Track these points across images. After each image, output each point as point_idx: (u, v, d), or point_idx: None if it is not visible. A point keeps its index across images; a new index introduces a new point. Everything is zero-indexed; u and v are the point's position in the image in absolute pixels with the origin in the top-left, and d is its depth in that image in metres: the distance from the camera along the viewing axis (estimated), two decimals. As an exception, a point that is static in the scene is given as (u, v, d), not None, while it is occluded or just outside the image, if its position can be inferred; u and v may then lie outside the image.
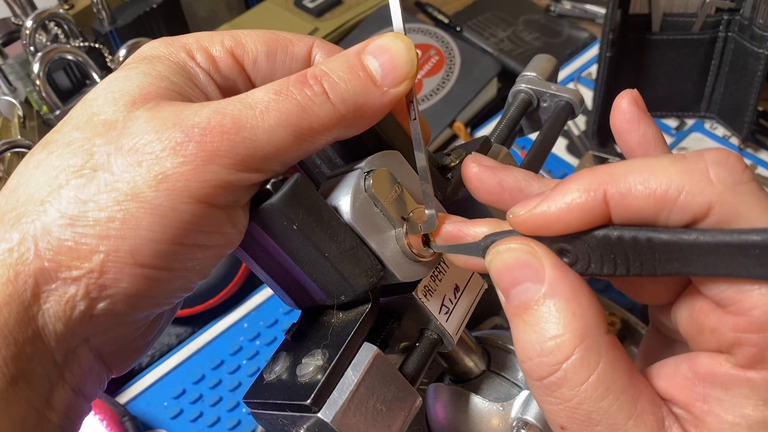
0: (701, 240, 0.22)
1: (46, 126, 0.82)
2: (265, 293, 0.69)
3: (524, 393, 0.38)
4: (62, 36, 0.88)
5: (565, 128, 0.76)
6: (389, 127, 0.33)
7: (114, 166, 0.26)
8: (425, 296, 0.33)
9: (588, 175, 0.24)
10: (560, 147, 0.76)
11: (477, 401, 0.39)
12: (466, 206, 0.38)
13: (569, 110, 0.44)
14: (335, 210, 0.30)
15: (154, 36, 0.86)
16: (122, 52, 0.77)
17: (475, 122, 0.85)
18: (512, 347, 0.41)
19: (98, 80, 0.79)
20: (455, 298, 0.35)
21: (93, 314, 0.26)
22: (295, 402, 0.29)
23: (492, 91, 0.87)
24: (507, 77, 0.87)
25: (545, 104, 0.45)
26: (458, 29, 0.93)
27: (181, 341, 0.67)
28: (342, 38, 0.94)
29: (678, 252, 0.23)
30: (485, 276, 0.38)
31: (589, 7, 0.95)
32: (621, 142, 0.29)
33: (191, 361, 0.65)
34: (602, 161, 0.72)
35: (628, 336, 0.59)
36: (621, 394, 0.23)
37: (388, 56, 0.29)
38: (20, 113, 0.79)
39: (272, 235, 0.29)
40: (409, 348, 0.34)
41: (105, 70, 0.84)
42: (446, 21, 0.95)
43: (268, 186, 0.28)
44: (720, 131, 0.76)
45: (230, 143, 0.26)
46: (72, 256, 0.25)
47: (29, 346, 0.25)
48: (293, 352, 0.32)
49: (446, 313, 0.34)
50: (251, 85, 0.32)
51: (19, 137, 0.74)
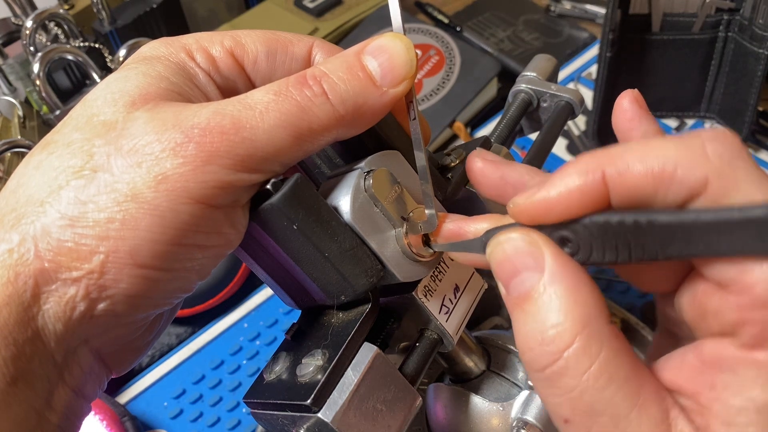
0: (702, 219, 0.22)
1: (46, 126, 0.82)
2: (265, 293, 0.69)
3: (524, 393, 0.38)
4: (62, 36, 0.88)
5: (565, 128, 0.76)
6: (389, 127, 0.33)
7: (114, 167, 0.26)
8: (425, 296, 0.33)
9: (586, 158, 0.24)
10: (560, 147, 0.76)
11: (477, 401, 0.39)
12: (466, 206, 0.38)
13: (569, 110, 0.44)
14: (335, 210, 0.30)
15: (154, 36, 0.86)
16: (122, 52, 0.77)
17: (475, 122, 0.85)
18: (512, 347, 0.41)
19: (98, 80, 0.79)
20: (455, 298, 0.35)
21: (93, 315, 0.26)
22: (295, 402, 0.29)
23: (492, 91, 0.87)
24: (507, 77, 0.87)
25: (545, 104, 0.45)
26: (458, 29, 0.93)
27: (181, 341, 0.67)
28: (342, 38, 0.94)
29: (679, 233, 0.22)
30: (485, 276, 0.38)
31: (589, 7, 0.95)
32: (623, 141, 0.29)
33: (191, 361, 0.65)
34: (602, 161, 0.72)
35: (629, 336, 0.59)
36: (624, 384, 0.23)
37: (388, 56, 0.29)
38: (20, 113, 0.79)
39: (272, 235, 0.29)
40: (409, 348, 0.34)
41: (105, 70, 0.84)
42: (446, 21, 0.95)
43: (268, 186, 0.28)
44: (720, 131, 0.75)
45: (230, 144, 0.26)
46: (72, 257, 0.25)
47: (29, 347, 0.25)
48: (293, 352, 0.32)
49: (446, 313, 0.34)
50: (251, 86, 0.32)
51: (19, 137, 0.74)
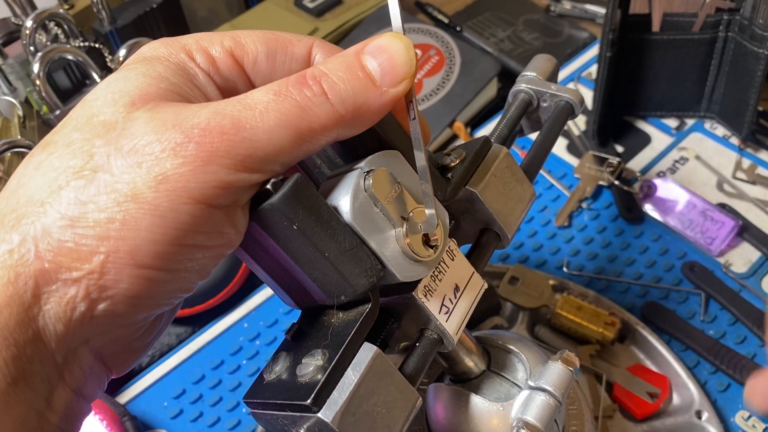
0: None
1: (46, 126, 0.82)
2: (265, 293, 0.69)
3: (524, 393, 0.38)
4: (62, 36, 0.88)
5: (565, 128, 0.76)
6: (389, 127, 0.33)
7: (114, 167, 0.26)
8: (425, 296, 0.33)
9: None
10: (560, 147, 0.76)
11: (477, 401, 0.39)
12: (466, 206, 0.38)
13: (569, 110, 0.44)
14: (335, 210, 0.30)
15: (154, 36, 0.86)
16: (122, 52, 0.77)
17: (475, 122, 0.85)
18: (512, 347, 0.41)
19: (98, 80, 0.79)
20: (455, 298, 0.35)
21: (93, 315, 0.26)
22: (295, 402, 0.29)
23: (492, 91, 0.87)
24: (507, 77, 0.87)
25: (545, 104, 0.45)
26: (458, 29, 0.93)
27: (181, 341, 0.67)
28: (342, 38, 0.94)
29: None
30: (485, 276, 0.38)
31: (589, 7, 0.95)
32: None
33: (191, 361, 0.65)
34: (602, 161, 0.72)
35: (629, 336, 0.59)
36: None
37: (387, 56, 0.29)
38: (20, 113, 0.79)
39: (272, 235, 0.29)
40: (409, 348, 0.34)
41: (105, 70, 0.84)
42: (446, 21, 0.95)
43: (268, 186, 0.28)
44: (720, 131, 0.75)
45: (230, 144, 0.26)
46: (72, 258, 0.25)
47: (29, 348, 0.25)
48: (293, 352, 0.32)
49: (446, 313, 0.34)
50: (251, 86, 0.32)
51: (19, 137, 0.74)
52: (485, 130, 0.82)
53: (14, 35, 0.95)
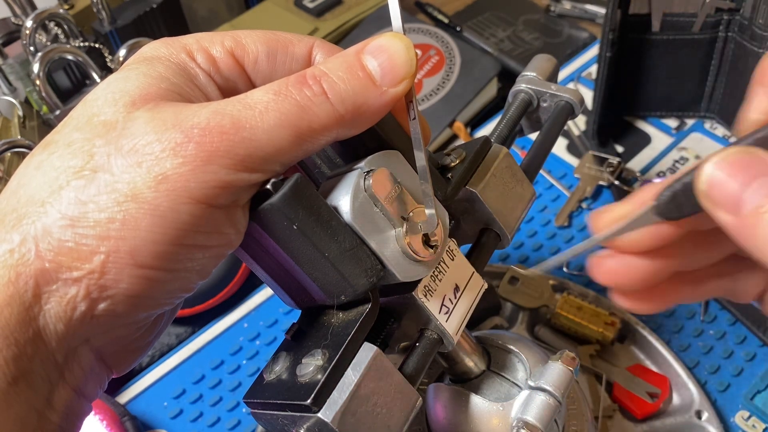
0: None
1: (46, 126, 0.82)
2: (265, 293, 0.69)
3: (524, 393, 0.38)
4: (62, 36, 0.88)
5: (565, 128, 0.76)
6: (389, 127, 0.33)
7: (114, 167, 0.26)
8: (425, 296, 0.33)
9: None
10: (560, 147, 0.76)
11: (477, 401, 0.39)
12: (466, 206, 0.38)
13: (569, 110, 0.44)
14: (335, 210, 0.30)
15: (154, 36, 0.86)
16: (122, 52, 0.77)
17: (475, 122, 0.85)
18: (512, 347, 0.41)
19: (98, 80, 0.79)
20: (455, 298, 0.35)
21: (94, 315, 0.26)
22: (295, 402, 0.29)
23: (492, 91, 0.87)
24: (507, 77, 0.87)
25: (545, 104, 0.45)
26: (458, 29, 0.93)
27: (181, 341, 0.67)
28: (342, 38, 0.94)
29: None
30: (485, 276, 0.38)
31: (589, 7, 0.95)
32: None
33: (191, 361, 0.65)
34: (602, 161, 0.72)
35: (629, 336, 0.59)
36: None
37: (387, 56, 0.29)
38: (20, 113, 0.79)
39: (272, 235, 0.29)
40: (409, 348, 0.34)
41: (105, 70, 0.84)
42: (446, 21, 0.95)
43: (268, 186, 0.28)
44: (720, 131, 0.75)
45: (230, 143, 0.26)
46: (72, 257, 0.25)
47: (30, 347, 0.25)
48: (293, 352, 0.32)
49: (446, 313, 0.34)
50: (251, 86, 0.32)
51: (19, 137, 0.74)
52: (485, 130, 0.82)
53: (14, 35, 0.96)
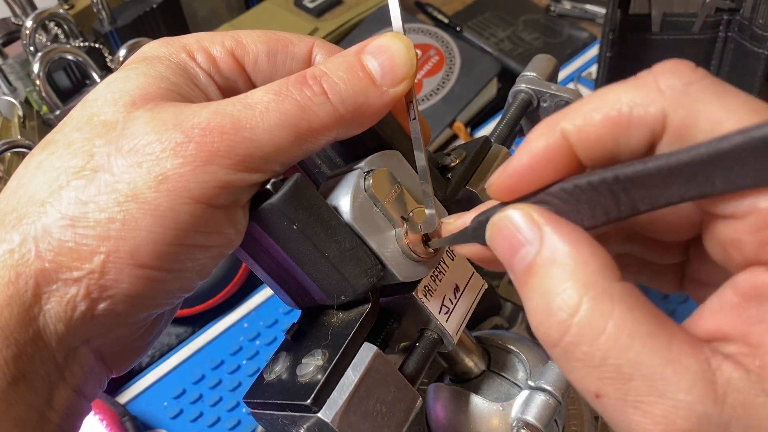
0: (671, 162, 0.21)
1: (46, 126, 0.82)
2: (265, 293, 0.69)
3: (524, 393, 0.38)
4: (62, 36, 0.88)
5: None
6: (389, 127, 0.33)
7: (114, 167, 0.26)
8: (425, 296, 0.33)
9: (545, 121, 0.24)
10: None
11: (477, 401, 0.39)
12: (466, 206, 0.38)
13: (569, 110, 0.44)
14: (335, 210, 0.30)
15: (154, 36, 0.86)
16: (122, 52, 0.77)
17: (475, 122, 0.85)
18: (512, 347, 0.41)
19: (98, 80, 0.79)
20: (455, 298, 0.35)
21: (94, 315, 0.26)
22: (295, 402, 0.29)
23: (492, 91, 0.87)
24: (507, 77, 0.87)
25: (545, 104, 0.45)
26: (458, 29, 0.93)
27: (181, 341, 0.67)
28: (342, 38, 0.94)
29: (645, 183, 0.22)
30: (485, 276, 0.38)
31: (589, 7, 0.95)
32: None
33: (191, 361, 0.65)
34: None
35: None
36: (649, 340, 0.21)
37: (387, 56, 0.29)
38: (20, 113, 0.79)
39: (272, 235, 0.29)
40: (409, 348, 0.34)
41: (105, 70, 0.84)
42: (446, 21, 0.95)
43: (268, 186, 0.28)
44: (720, 131, 0.75)
45: (230, 143, 0.26)
46: (72, 257, 0.25)
47: (30, 347, 0.25)
48: (293, 352, 0.32)
49: (446, 313, 0.34)
50: (252, 86, 0.32)
51: (19, 137, 0.74)
52: (485, 130, 0.82)
53: (14, 35, 0.96)
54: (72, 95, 0.86)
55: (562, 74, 0.84)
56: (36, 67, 0.74)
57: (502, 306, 0.61)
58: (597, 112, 0.23)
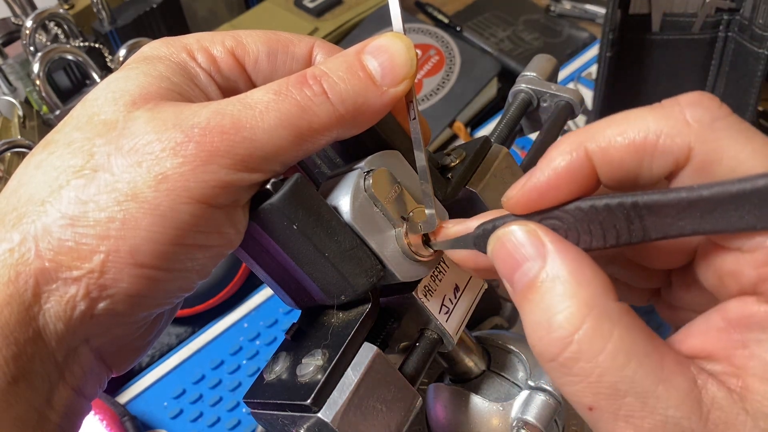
0: (692, 196, 0.21)
1: (46, 126, 0.82)
2: (265, 293, 0.69)
3: (524, 393, 0.38)
4: (62, 36, 0.88)
5: (565, 128, 0.76)
6: (389, 127, 0.33)
7: (114, 167, 0.26)
8: (425, 296, 0.33)
9: (568, 138, 0.24)
10: (560, 147, 0.76)
11: (477, 401, 0.39)
12: (466, 206, 0.38)
13: (569, 110, 0.44)
14: (335, 210, 0.30)
15: (154, 36, 0.86)
16: (122, 52, 0.77)
17: (475, 122, 0.85)
18: (512, 347, 0.41)
19: (98, 80, 0.79)
20: (455, 298, 0.35)
21: (93, 314, 0.26)
22: (295, 402, 0.29)
23: (492, 91, 0.87)
24: (507, 77, 0.87)
25: (545, 104, 0.45)
26: (458, 29, 0.93)
27: (181, 341, 0.67)
28: (342, 38, 0.94)
29: (665, 213, 0.22)
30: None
31: (589, 7, 0.95)
32: None
33: (191, 361, 0.65)
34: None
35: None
36: (644, 359, 0.22)
37: (388, 56, 0.29)
38: (20, 113, 0.79)
39: (272, 235, 0.29)
40: (409, 348, 0.34)
41: (105, 70, 0.84)
42: (446, 21, 0.95)
43: (268, 186, 0.28)
44: (720, 131, 0.75)
45: (230, 143, 0.26)
46: (72, 257, 0.25)
47: (30, 346, 0.25)
48: (293, 352, 0.32)
49: (446, 313, 0.34)
50: (252, 86, 0.32)
51: (19, 137, 0.74)
52: (485, 130, 0.82)
53: (14, 35, 0.96)
54: (72, 95, 0.86)
55: (562, 74, 0.85)
56: (36, 67, 0.74)
57: (502, 306, 0.61)
58: (623, 136, 0.23)
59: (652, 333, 0.23)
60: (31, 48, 0.81)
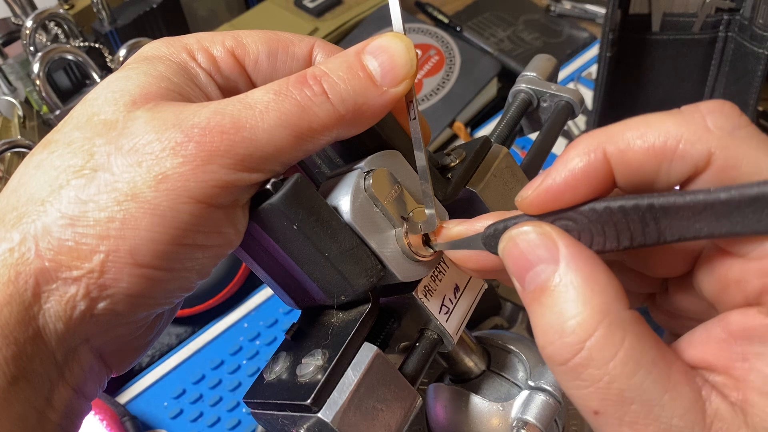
0: (709, 198, 0.21)
1: (46, 126, 0.82)
2: (265, 293, 0.69)
3: (524, 393, 0.38)
4: (62, 36, 0.88)
5: (565, 128, 0.76)
6: (389, 127, 0.33)
7: (114, 167, 0.26)
8: (425, 296, 0.33)
9: (586, 139, 0.24)
10: (560, 147, 0.76)
11: (477, 401, 0.39)
12: (466, 206, 0.38)
13: (569, 110, 0.44)
14: (335, 210, 0.30)
15: (154, 36, 0.86)
16: (122, 52, 0.77)
17: (475, 122, 0.85)
18: (512, 347, 0.41)
19: (98, 80, 0.79)
20: (455, 298, 0.35)
21: (93, 314, 0.26)
22: (295, 402, 0.29)
23: (492, 91, 0.87)
24: (507, 77, 0.87)
25: (545, 104, 0.45)
26: (458, 29, 0.93)
27: (181, 341, 0.67)
28: (342, 38, 0.94)
29: (680, 215, 0.22)
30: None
31: (589, 7, 0.95)
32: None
33: (191, 361, 0.65)
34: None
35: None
36: (652, 368, 0.22)
37: (388, 56, 0.29)
38: (20, 113, 0.79)
39: (272, 235, 0.29)
40: (409, 348, 0.34)
41: (105, 70, 0.84)
42: (446, 21, 0.95)
43: (268, 186, 0.28)
44: (720, 131, 0.75)
45: (230, 143, 0.26)
46: (72, 256, 0.25)
47: (30, 346, 0.25)
48: (293, 352, 0.32)
49: (446, 313, 0.34)
50: (252, 86, 0.32)
51: (19, 137, 0.74)
52: (485, 130, 0.82)
53: (14, 35, 0.96)
54: (72, 95, 0.86)
55: (562, 74, 0.85)
56: (36, 67, 0.74)
57: (502, 306, 0.61)
58: (642, 140, 0.23)
59: (661, 341, 0.23)
60: (31, 48, 0.81)
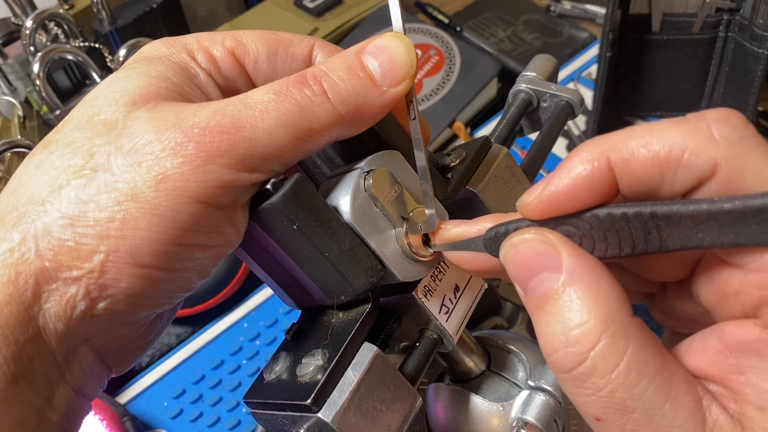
0: (712, 208, 0.21)
1: (46, 126, 0.82)
2: (265, 293, 0.69)
3: (524, 393, 0.38)
4: (62, 36, 0.88)
5: (565, 128, 0.76)
6: (389, 127, 0.33)
7: (114, 167, 0.26)
8: (425, 296, 0.33)
9: (589, 146, 0.24)
10: (560, 147, 0.76)
11: (477, 401, 0.39)
12: (466, 206, 0.38)
13: (569, 110, 0.44)
14: (335, 210, 0.30)
15: (154, 36, 0.86)
16: (122, 52, 0.77)
17: (475, 122, 0.85)
18: (512, 347, 0.41)
19: (98, 80, 0.79)
20: (455, 298, 0.35)
21: (93, 314, 0.26)
22: (295, 402, 0.29)
23: (492, 91, 0.87)
24: (507, 77, 0.87)
25: (545, 104, 0.45)
26: (458, 29, 0.93)
27: (181, 341, 0.67)
28: (342, 38, 0.94)
29: (683, 224, 0.22)
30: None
31: (589, 7, 0.95)
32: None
33: (191, 361, 0.65)
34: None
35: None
36: (655, 378, 0.22)
37: (388, 56, 0.29)
38: (20, 113, 0.79)
39: (272, 235, 0.29)
40: (409, 348, 0.34)
41: (105, 70, 0.84)
42: (446, 21, 0.95)
43: (268, 186, 0.28)
44: (720, 131, 0.75)
45: (230, 143, 0.26)
46: (72, 256, 0.25)
47: (30, 346, 0.25)
48: (293, 352, 0.32)
49: (446, 313, 0.34)
50: (252, 86, 0.32)
51: (19, 137, 0.74)
52: (485, 130, 0.82)
53: (14, 35, 0.96)
54: (72, 95, 0.86)
55: (562, 74, 0.85)
56: (36, 67, 0.74)
57: (502, 306, 0.61)
58: (647, 149, 0.23)
59: (664, 349, 0.23)
60: (31, 48, 0.81)
